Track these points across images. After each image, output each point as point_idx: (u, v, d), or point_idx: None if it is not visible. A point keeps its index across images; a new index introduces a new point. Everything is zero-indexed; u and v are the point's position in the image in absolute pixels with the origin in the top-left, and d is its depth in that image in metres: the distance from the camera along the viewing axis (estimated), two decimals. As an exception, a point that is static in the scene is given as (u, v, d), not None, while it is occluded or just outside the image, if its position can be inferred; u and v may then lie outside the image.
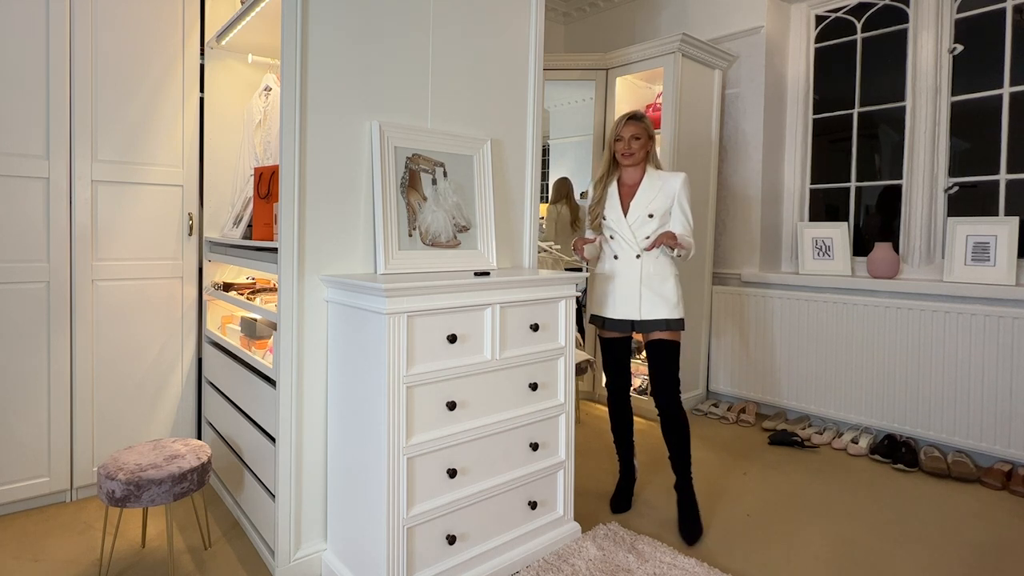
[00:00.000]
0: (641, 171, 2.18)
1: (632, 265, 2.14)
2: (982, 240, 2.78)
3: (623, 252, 2.16)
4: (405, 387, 1.52)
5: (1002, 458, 2.63)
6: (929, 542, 2.06)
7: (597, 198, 2.24)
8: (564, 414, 1.93)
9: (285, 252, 1.66)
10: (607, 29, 4.37)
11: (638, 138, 2.13)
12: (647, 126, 2.16)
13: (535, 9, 2.18)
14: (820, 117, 3.53)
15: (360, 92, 1.77)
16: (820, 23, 3.53)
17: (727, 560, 1.91)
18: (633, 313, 2.13)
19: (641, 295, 2.12)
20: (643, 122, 2.15)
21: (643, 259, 2.13)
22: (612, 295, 2.18)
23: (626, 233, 2.14)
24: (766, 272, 3.48)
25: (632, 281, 2.13)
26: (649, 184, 2.15)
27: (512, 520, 1.80)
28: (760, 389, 3.43)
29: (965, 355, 2.69)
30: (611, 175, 2.23)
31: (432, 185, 1.88)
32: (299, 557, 1.74)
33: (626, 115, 2.17)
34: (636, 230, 2.13)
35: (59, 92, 2.13)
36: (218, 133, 2.50)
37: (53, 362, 2.16)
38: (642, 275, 2.12)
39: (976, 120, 2.95)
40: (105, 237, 2.26)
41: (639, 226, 2.13)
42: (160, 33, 2.34)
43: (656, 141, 2.20)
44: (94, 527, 2.06)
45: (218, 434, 2.31)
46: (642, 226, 2.13)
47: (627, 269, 2.15)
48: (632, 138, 2.13)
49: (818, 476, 2.61)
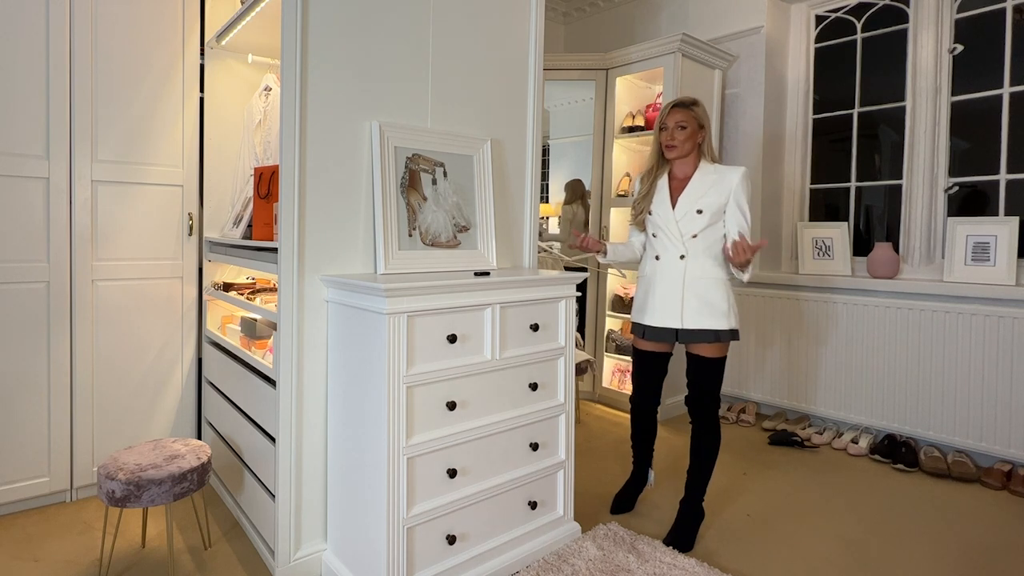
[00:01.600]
0: (693, 164, 1.99)
1: (675, 266, 1.95)
2: (982, 240, 2.78)
3: (666, 252, 1.97)
4: (405, 387, 1.52)
5: (1002, 458, 2.63)
6: (929, 542, 2.06)
7: (644, 192, 2.06)
8: (564, 414, 1.93)
9: (285, 252, 1.66)
10: (607, 29, 4.37)
11: (684, 127, 1.94)
12: (696, 114, 1.96)
13: (535, 9, 2.18)
14: (820, 117, 3.53)
15: (360, 92, 1.77)
16: (820, 23, 3.53)
17: (727, 560, 1.91)
18: (674, 320, 1.93)
19: (684, 300, 1.92)
20: (691, 109, 1.96)
21: (688, 260, 1.94)
22: (652, 299, 1.99)
23: (672, 228, 1.96)
24: (766, 272, 3.48)
25: (675, 284, 1.94)
26: (701, 178, 1.95)
27: (512, 520, 1.80)
28: (760, 389, 3.43)
29: (965, 355, 2.69)
30: (660, 169, 2.05)
31: (432, 185, 1.88)
32: (299, 557, 1.74)
33: (672, 102, 1.99)
34: (683, 226, 1.95)
35: (59, 92, 2.13)
36: (218, 133, 2.50)
37: (53, 362, 2.16)
38: (685, 278, 1.93)
39: (976, 120, 2.95)
40: (105, 237, 2.26)
41: (687, 222, 1.94)
42: (160, 33, 2.34)
43: (708, 131, 1.99)
44: (94, 527, 2.05)
45: (218, 434, 2.31)
46: (690, 222, 1.94)
47: (670, 271, 1.96)
48: (677, 127, 1.94)
49: (818, 476, 2.61)
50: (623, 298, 3.62)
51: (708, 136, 2.00)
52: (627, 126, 3.57)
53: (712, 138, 2.02)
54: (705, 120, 1.99)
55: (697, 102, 2.00)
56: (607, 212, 3.55)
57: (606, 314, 3.63)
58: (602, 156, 3.59)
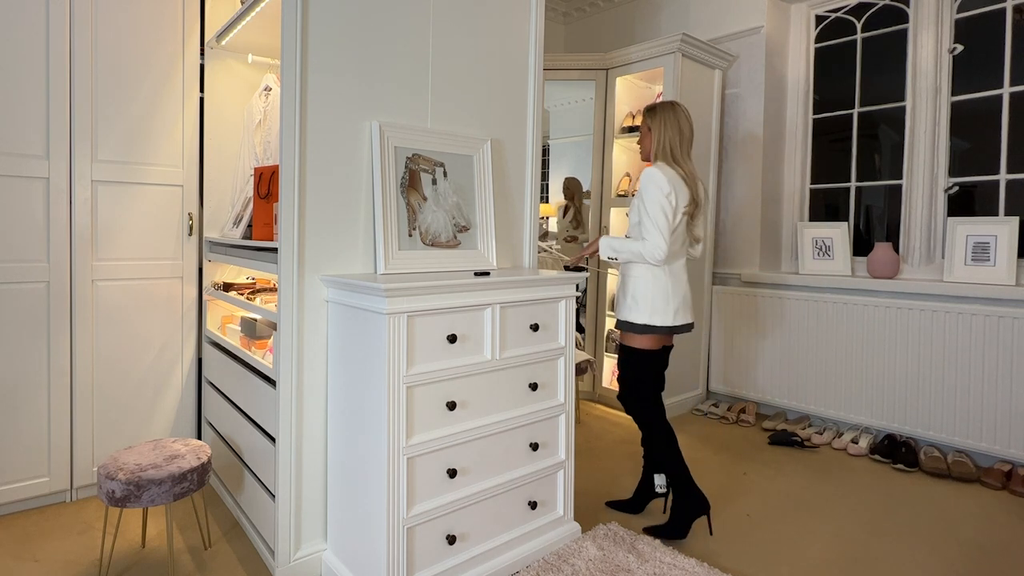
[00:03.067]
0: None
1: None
2: (982, 240, 2.78)
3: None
4: (405, 387, 1.52)
5: (1002, 458, 2.63)
6: (929, 542, 2.06)
7: None
8: (564, 414, 1.93)
9: (285, 252, 1.66)
10: (607, 29, 4.37)
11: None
12: (646, 117, 2.12)
13: (535, 9, 2.18)
14: (820, 117, 3.53)
15: (360, 92, 1.77)
16: (820, 23, 3.53)
17: (727, 560, 1.91)
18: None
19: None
20: (645, 115, 2.12)
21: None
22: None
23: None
24: (766, 272, 3.48)
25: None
26: None
27: (512, 520, 1.80)
28: (760, 389, 3.43)
29: (965, 355, 2.69)
30: None
31: (432, 185, 1.88)
32: (299, 557, 1.74)
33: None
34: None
35: (59, 92, 2.13)
36: (218, 133, 2.50)
37: (53, 362, 2.16)
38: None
39: (976, 120, 2.95)
40: (105, 237, 2.26)
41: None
42: (160, 33, 2.34)
43: (659, 135, 2.06)
44: (94, 527, 2.06)
45: (218, 434, 2.31)
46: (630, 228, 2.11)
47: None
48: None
49: (818, 476, 2.61)
50: (623, 298, 3.62)
51: (657, 140, 2.06)
52: (627, 126, 3.57)
53: (665, 141, 2.06)
54: (653, 124, 2.07)
55: (651, 107, 2.10)
56: (607, 212, 3.55)
57: (606, 314, 3.64)
58: (602, 156, 3.59)
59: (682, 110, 2.08)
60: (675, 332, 2.05)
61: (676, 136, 2.05)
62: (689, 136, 2.07)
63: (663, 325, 2.01)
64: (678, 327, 2.05)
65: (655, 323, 2.01)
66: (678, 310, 2.04)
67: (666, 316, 2.02)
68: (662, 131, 2.06)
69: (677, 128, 2.05)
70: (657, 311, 2.01)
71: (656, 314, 2.01)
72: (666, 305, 2.02)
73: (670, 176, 1.98)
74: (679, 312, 2.04)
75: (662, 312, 2.01)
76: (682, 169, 2.03)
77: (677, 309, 2.03)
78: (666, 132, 2.05)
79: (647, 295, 2.02)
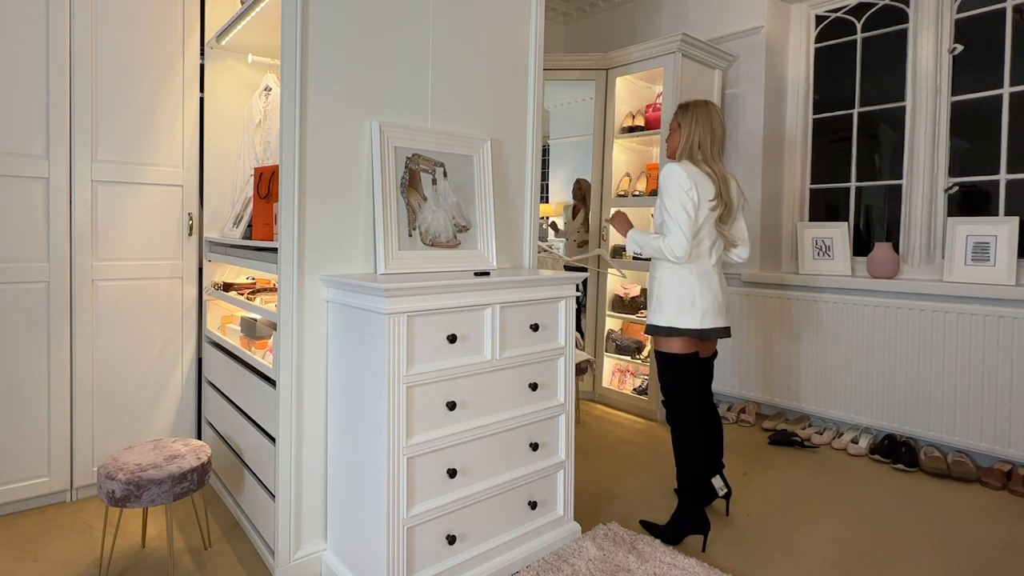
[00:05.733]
0: None
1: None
2: (982, 240, 2.78)
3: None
4: (405, 387, 1.52)
5: (1002, 458, 2.63)
6: (929, 542, 2.06)
7: None
8: (564, 414, 1.93)
9: (285, 252, 1.66)
10: (607, 29, 4.37)
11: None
12: (677, 114, 2.08)
13: (535, 9, 2.18)
14: (820, 117, 3.53)
15: (360, 92, 1.77)
16: (820, 23, 3.53)
17: (727, 560, 1.91)
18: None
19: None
20: (677, 111, 2.08)
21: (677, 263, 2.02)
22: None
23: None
24: (766, 272, 3.48)
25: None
26: None
27: (512, 520, 1.80)
28: (760, 389, 3.43)
29: (965, 355, 2.69)
30: None
31: (432, 185, 1.88)
32: (299, 557, 1.74)
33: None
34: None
35: (59, 92, 2.13)
36: (218, 133, 2.50)
37: (53, 362, 2.16)
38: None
39: (976, 120, 2.95)
40: (105, 237, 2.26)
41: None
42: (160, 33, 2.34)
43: (686, 131, 2.04)
44: (94, 527, 2.06)
45: (218, 434, 2.31)
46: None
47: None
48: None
49: (818, 476, 2.61)
50: (623, 298, 3.62)
51: (686, 137, 2.03)
52: (627, 126, 3.57)
53: (694, 139, 2.03)
54: (683, 121, 2.04)
55: (684, 104, 2.07)
56: (608, 212, 3.55)
57: (606, 314, 3.64)
58: (602, 156, 3.59)
59: (716, 110, 2.04)
60: (705, 336, 1.97)
61: (707, 135, 2.01)
62: (721, 137, 2.03)
63: (689, 328, 1.95)
64: (707, 331, 1.97)
65: (680, 325, 1.95)
66: (707, 312, 1.96)
67: (692, 319, 1.95)
68: (692, 128, 2.02)
69: (709, 127, 2.01)
70: (683, 313, 1.96)
71: (681, 316, 1.96)
72: (692, 307, 1.95)
73: (691, 172, 1.94)
74: (708, 315, 1.96)
75: (688, 314, 1.95)
76: (711, 169, 1.99)
77: (706, 311, 1.96)
78: (696, 130, 2.01)
79: (671, 297, 1.98)
